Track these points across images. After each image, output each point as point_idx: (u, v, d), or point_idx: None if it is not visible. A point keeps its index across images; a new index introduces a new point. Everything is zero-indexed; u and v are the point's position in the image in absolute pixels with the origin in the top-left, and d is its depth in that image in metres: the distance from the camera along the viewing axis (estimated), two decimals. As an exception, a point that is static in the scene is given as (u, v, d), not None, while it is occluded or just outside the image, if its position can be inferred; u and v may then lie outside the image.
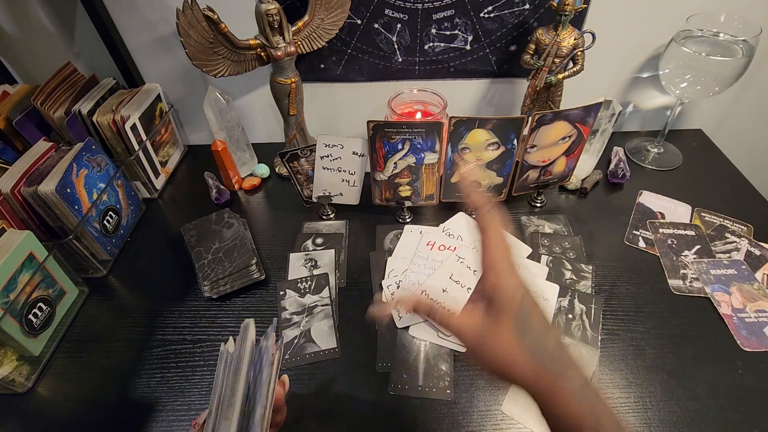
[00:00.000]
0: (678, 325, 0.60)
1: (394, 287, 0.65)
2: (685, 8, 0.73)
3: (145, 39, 0.81)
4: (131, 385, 0.58)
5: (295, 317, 0.63)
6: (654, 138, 0.89)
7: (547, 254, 0.69)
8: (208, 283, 0.64)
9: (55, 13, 0.78)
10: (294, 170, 0.73)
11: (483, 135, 0.66)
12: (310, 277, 0.67)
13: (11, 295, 0.56)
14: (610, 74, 0.85)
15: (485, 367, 0.33)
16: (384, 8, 0.75)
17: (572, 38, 0.70)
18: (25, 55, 0.84)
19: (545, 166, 0.73)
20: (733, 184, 0.81)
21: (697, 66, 0.71)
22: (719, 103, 0.90)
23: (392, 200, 0.75)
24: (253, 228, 0.77)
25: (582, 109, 0.65)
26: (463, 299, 0.61)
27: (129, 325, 0.65)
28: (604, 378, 0.56)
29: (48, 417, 0.56)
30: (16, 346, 0.58)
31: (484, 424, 0.52)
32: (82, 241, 0.69)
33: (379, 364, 0.58)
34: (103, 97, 0.79)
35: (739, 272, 0.65)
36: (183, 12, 0.61)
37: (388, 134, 0.66)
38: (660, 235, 0.72)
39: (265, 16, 0.66)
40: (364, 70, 0.84)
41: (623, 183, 0.81)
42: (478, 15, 0.76)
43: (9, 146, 0.74)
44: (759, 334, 0.59)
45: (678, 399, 0.53)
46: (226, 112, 0.80)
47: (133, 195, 0.80)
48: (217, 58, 0.68)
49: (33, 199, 0.63)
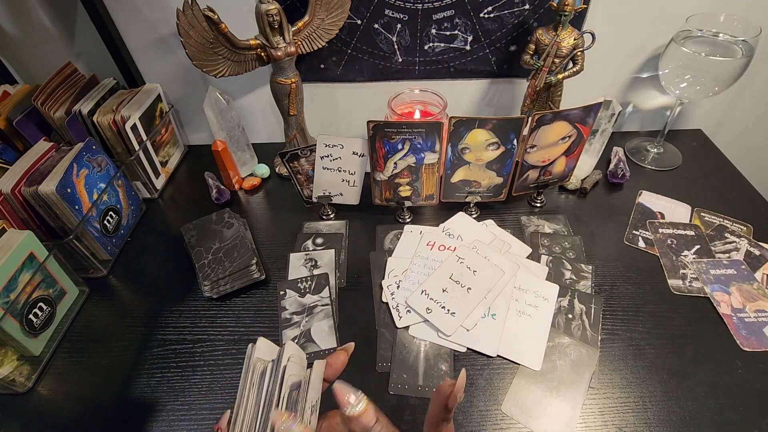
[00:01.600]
0: (678, 325, 0.61)
1: (394, 287, 0.65)
2: (685, 8, 0.73)
3: (146, 39, 0.81)
4: (131, 385, 0.58)
5: (295, 317, 0.63)
6: (654, 138, 0.89)
7: (547, 254, 0.69)
8: (208, 283, 0.64)
9: (55, 13, 0.78)
10: (294, 170, 0.73)
11: (483, 135, 0.66)
12: (310, 277, 0.67)
13: (12, 295, 0.56)
14: (610, 74, 0.85)
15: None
16: (384, 8, 0.75)
17: (572, 38, 0.70)
18: (26, 55, 0.84)
19: (545, 166, 0.73)
20: (733, 184, 0.81)
21: (697, 66, 0.71)
22: (719, 103, 0.90)
23: (392, 200, 0.75)
24: (254, 228, 0.77)
25: (582, 109, 0.66)
26: (463, 299, 0.61)
27: (129, 324, 0.65)
28: (604, 378, 0.56)
29: (48, 417, 0.56)
30: (17, 345, 0.58)
31: (484, 424, 0.52)
32: (83, 241, 0.69)
33: (379, 364, 0.58)
34: (104, 98, 0.79)
35: (738, 272, 0.65)
36: (183, 12, 0.61)
37: (388, 134, 0.66)
38: (660, 235, 0.72)
39: (265, 16, 0.66)
40: (364, 70, 0.84)
41: (623, 183, 0.81)
42: (478, 15, 0.76)
43: (9, 146, 0.74)
44: (758, 334, 0.59)
45: (678, 399, 0.53)
46: (226, 112, 0.80)
47: (134, 195, 0.80)
48: (218, 58, 0.69)
49: (33, 199, 0.64)
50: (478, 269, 0.65)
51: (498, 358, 0.58)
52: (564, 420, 0.52)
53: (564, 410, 0.53)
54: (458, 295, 0.62)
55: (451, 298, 0.62)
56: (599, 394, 0.54)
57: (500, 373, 0.56)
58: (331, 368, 0.37)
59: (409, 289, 0.64)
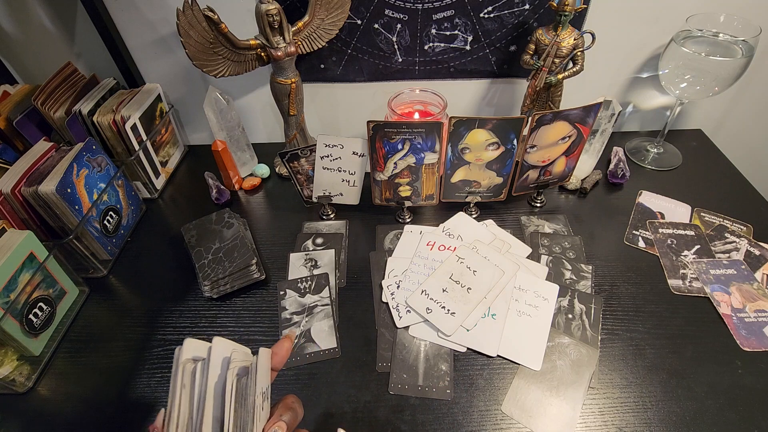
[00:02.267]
0: (678, 325, 0.61)
1: (394, 287, 0.65)
2: (685, 8, 0.73)
3: (146, 39, 0.81)
4: (131, 385, 0.58)
5: (295, 317, 0.63)
6: (654, 138, 0.89)
7: (547, 254, 0.69)
8: (208, 283, 0.64)
9: (55, 13, 0.78)
10: (294, 170, 0.73)
11: (483, 135, 0.66)
12: (310, 277, 0.67)
13: (12, 295, 0.56)
14: (609, 74, 0.85)
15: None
16: (384, 8, 0.75)
17: (572, 38, 0.70)
18: (26, 55, 0.84)
19: (545, 166, 0.73)
20: (733, 184, 0.81)
21: (697, 66, 0.71)
22: (719, 103, 0.90)
23: (392, 200, 0.75)
24: (254, 228, 0.77)
25: (582, 109, 0.66)
26: (463, 299, 0.61)
27: (129, 324, 0.65)
28: (603, 378, 0.56)
29: (48, 417, 0.56)
30: (17, 345, 0.58)
31: (484, 424, 0.52)
32: (83, 241, 0.69)
33: (379, 364, 0.58)
34: (104, 98, 0.79)
35: (738, 272, 0.65)
36: (183, 12, 0.61)
37: (388, 134, 0.66)
38: (660, 235, 0.72)
39: (265, 16, 0.66)
40: (364, 70, 0.84)
41: (623, 183, 0.81)
42: (478, 15, 0.76)
43: (9, 146, 0.74)
44: (758, 334, 0.59)
45: (678, 399, 0.53)
46: (226, 112, 0.81)
47: (134, 195, 0.80)
48: (218, 58, 0.69)
49: (33, 199, 0.64)
50: (478, 269, 0.65)
51: (498, 358, 0.58)
52: (564, 420, 0.52)
53: (564, 410, 0.53)
54: (458, 295, 0.62)
55: (451, 298, 0.62)
56: (599, 394, 0.54)
57: (500, 373, 0.57)
58: (276, 356, 0.38)
59: (409, 289, 0.64)
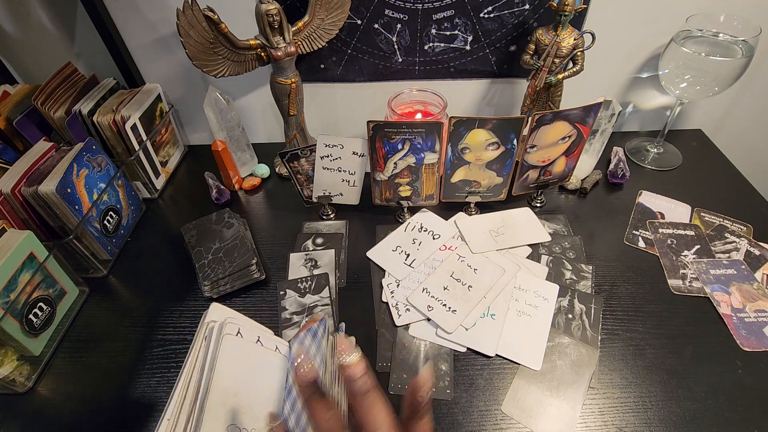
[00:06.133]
0: (677, 325, 0.61)
1: (394, 286, 0.65)
2: (685, 8, 0.73)
3: (146, 39, 0.81)
4: (131, 385, 0.58)
5: (295, 317, 0.63)
6: (654, 138, 0.89)
7: (547, 254, 0.69)
8: (208, 283, 0.64)
9: (55, 13, 0.78)
10: (294, 170, 0.73)
11: (483, 135, 0.66)
12: (310, 277, 0.67)
13: (12, 295, 0.56)
14: (610, 74, 0.85)
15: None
16: (384, 8, 0.75)
17: (572, 38, 0.70)
18: (26, 55, 0.84)
19: (545, 166, 0.73)
20: (733, 184, 0.81)
21: (697, 66, 0.71)
22: (719, 104, 0.90)
23: (392, 200, 0.75)
24: (253, 228, 0.77)
25: (582, 109, 0.66)
26: (464, 296, 0.61)
27: (129, 324, 0.65)
28: (603, 378, 0.56)
29: (48, 417, 0.56)
30: (17, 345, 0.58)
31: (484, 424, 0.52)
32: (83, 241, 0.69)
33: (379, 364, 0.58)
34: (104, 98, 0.79)
35: (738, 272, 0.65)
36: (183, 12, 0.61)
37: (388, 134, 0.66)
38: (660, 235, 0.72)
39: (265, 16, 0.66)
40: (364, 70, 0.84)
41: (623, 183, 0.81)
42: (478, 15, 0.76)
43: (9, 146, 0.74)
44: (758, 334, 0.59)
45: (678, 399, 0.53)
46: (226, 112, 0.80)
47: (134, 195, 0.80)
48: (218, 58, 0.69)
49: (33, 199, 0.64)
50: (478, 267, 0.65)
51: (498, 358, 0.58)
52: (564, 420, 0.52)
53: (564, 410, 0.53)
54: (459, 292, 0.62)
55: (453, 295, 0.62)
56: (599, 394, 0.54)
57: (500, 373, 0.56)
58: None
59: (410, 287, 0.64)
